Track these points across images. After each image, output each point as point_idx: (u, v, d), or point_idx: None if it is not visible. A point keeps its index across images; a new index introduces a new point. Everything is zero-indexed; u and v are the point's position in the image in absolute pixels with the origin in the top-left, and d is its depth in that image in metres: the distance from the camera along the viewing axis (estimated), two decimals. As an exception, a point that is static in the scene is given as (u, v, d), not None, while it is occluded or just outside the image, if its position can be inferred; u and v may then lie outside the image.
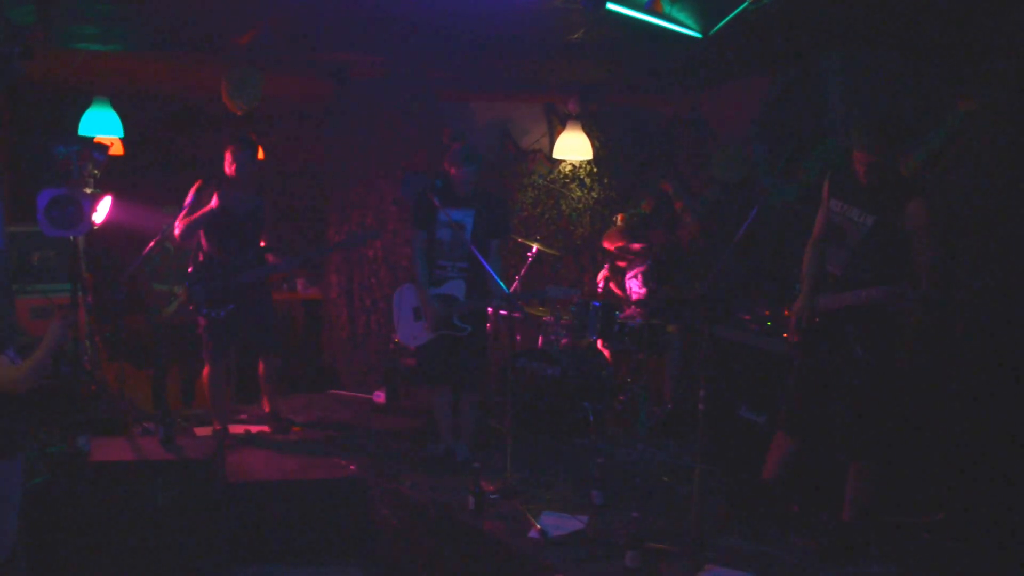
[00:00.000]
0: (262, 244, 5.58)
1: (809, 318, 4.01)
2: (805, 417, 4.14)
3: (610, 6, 4.46)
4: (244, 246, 5.44)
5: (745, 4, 4.48)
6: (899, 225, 3.71)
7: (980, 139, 4.53)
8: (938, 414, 4.60)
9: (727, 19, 4.85)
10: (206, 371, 5.55)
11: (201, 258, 5.41)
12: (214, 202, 5.24)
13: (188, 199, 5.39)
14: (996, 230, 4.40)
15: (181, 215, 5.36)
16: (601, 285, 6.79)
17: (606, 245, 6.69)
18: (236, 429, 5.82)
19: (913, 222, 3.68)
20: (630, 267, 6.72)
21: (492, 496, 4.56)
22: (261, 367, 5.75)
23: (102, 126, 6.67)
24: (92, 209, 5.30)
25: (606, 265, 6.83)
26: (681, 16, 4.94)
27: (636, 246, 6.27)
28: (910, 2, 4.57)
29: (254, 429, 5.85)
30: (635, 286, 6.62)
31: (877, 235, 3.78)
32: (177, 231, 5.36)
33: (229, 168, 5.35)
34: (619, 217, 7.23)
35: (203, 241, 5.42)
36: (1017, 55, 4.33)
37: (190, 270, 5.43)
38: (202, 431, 5.76)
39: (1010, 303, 4.32)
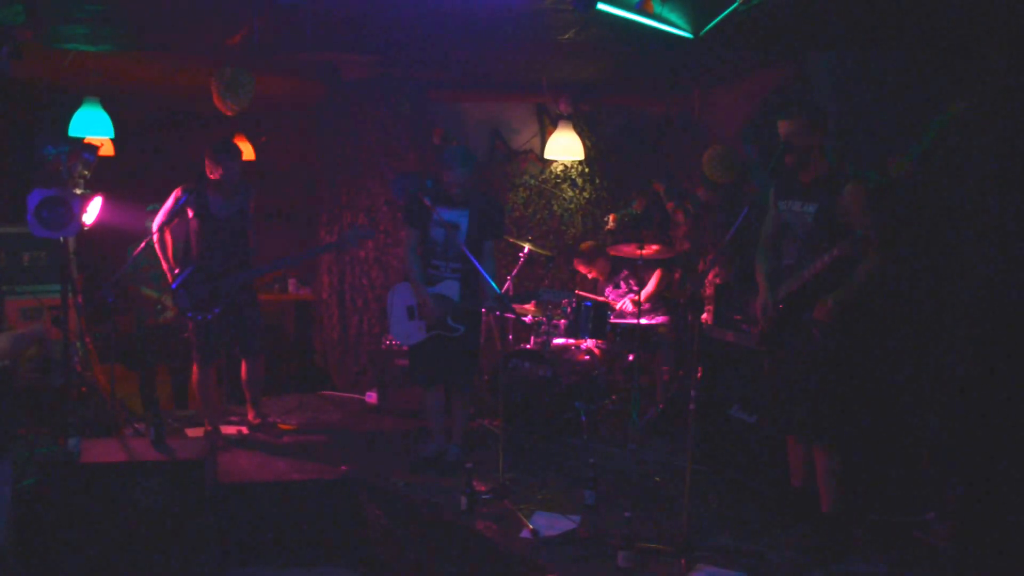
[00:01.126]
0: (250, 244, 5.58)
1: (772, 310, 4.10)
2: (786, 410, 4.19)
3: (600, 6, 4.46)
4: (230, 249, 5.44)
5: (736, 4, 4.49)
6: (838, 210, 3.91)
7: (971, 139, 4.54)
8: (922, 409, 4.63)
9: (718, 19, 4.85)
10: (195, 372, 5.55)
11: (188, 262, 5.40)
12: (190, 214, 5.33)
13: (169, 204, 5.40)
14: (987, 229, 4.42)
15: (160, 221, 5.39)
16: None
17: (585, 269, 6.77)
18: (228, 430, 5.81)
19: (850, 205, 3.88)
20: (608, 280, 6.74)
21: (484, 496, 4.57)
22: (244, 370, 5.74)
23: (92, 127, 6.65)
24: (82, 210, 5.27)
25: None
26: (672, 16, 4.94)
27: (628, 248, 6.26)
28: (902, 2, 4.59)
29: (246, 430, 5.85)
30: (616, 295, 6.63)
31: (820, 221, 3.96)
32: (156, 237, 5.39)
33: (213, 173, 5.35)
34: (611, 217, 7.25)
35: (191, 244, 5.42)
36: (1008, 54, 4.35)
37: (176, 271, 5.42)
38: (194, 432, 5.75)
39: (1002, 299, 4.34)
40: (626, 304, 6.45)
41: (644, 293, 6.41)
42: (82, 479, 4.26)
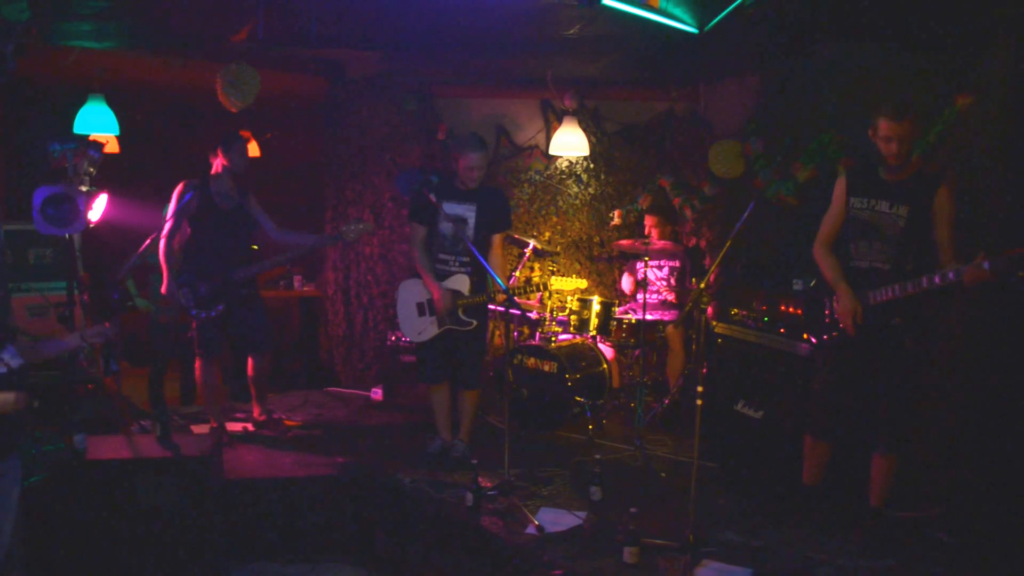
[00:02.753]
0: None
1: (863, 317, 3.96)
2: (842, 417, 4.16)
3: (606, 1, 4.45)
4: (233, 245, 5.44)
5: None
6: (930, 212, 3.82)
7: (976, 134, 4.53)
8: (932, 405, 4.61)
9: (723, 14, 4.84)
10: (198, 367, 5.56)
11: (192, 258, 5.39)
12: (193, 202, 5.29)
13: (172, 206, 5.37)
14: (993, 224, 4.41)
15: (168, 227, 5.31)
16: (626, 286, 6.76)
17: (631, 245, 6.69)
18: (233, 427, 5.82)
19: (941, 207, 3.81)
20: (654, 258, 6.64)
21: (490, 492, 4.56)
22: (250, 366, 5.74)
23: (97, 123, 6.65)
24: (88, 207, 5.27)
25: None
26: (676, 11, 4.93)
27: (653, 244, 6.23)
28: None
29: (251, 427, 5.85)
30: (659, 275, 6.54)
31: (914, 225, 3.86)
32: (163, 245, 5.30)
33: (218, 166, 5.36)
34: (616, 213, 7.24)
35: (194, 240, 5.41)
36: (1013, 49, 4.33)
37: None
38: (200, 429, 5.75)
39: (1008, 295, 4.32)
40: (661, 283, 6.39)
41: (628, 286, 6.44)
42: (88, 476, 4.28)
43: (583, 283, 6.44)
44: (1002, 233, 4.35)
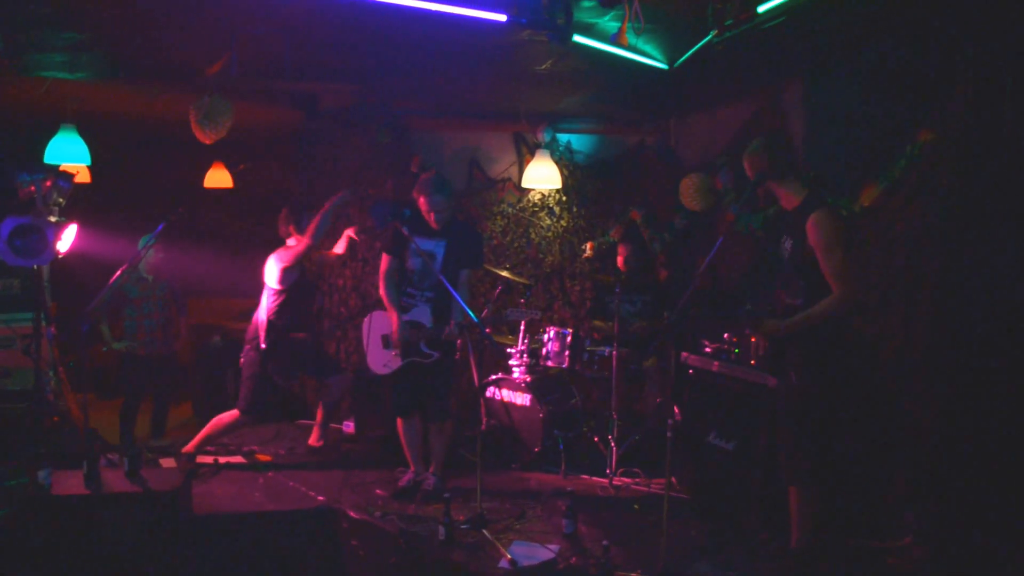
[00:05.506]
0: None
1: (766, 347, 4.08)
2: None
3: (577, 38, 4.51)
4: (301, 308, 5.85)
5: (709, 36, 4.57)
6: (807, 242, 3.87)
7: (938, 168, 4.62)
8: (898, 434, 4.66)
9: (692, 51, 4.93)
10: (234, 417, 5.65)
11: (286, 323, 5.63)
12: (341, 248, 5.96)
13: (280, 276, 5.60)
14: (954, 257, 4.49)
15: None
16: None
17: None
18: (204, 459, 5.75)
19: (813, 236, 3.82)
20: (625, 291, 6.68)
21: (462, 526, 4.54)
22: (325, 390, 6.06)
23: (68, 154, 6.59)
24: (57, 238, 5.22)
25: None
26: (647, 48, 5.02)
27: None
28: (871, 34, 4.69)
29: (223, 460, 5.78)
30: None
31: (794, 257, 3.94)
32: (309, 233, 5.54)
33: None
34: (588, 245, 7.28)
35: (290, 306, 5.62)
36: (972, 87, 4.44)
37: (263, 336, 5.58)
38: (168, 463, 5.68)
39: (969, 328, 4.40)
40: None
41: None
42: (54, 511, 4.20)
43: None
44: (967, 263, 4.43)
